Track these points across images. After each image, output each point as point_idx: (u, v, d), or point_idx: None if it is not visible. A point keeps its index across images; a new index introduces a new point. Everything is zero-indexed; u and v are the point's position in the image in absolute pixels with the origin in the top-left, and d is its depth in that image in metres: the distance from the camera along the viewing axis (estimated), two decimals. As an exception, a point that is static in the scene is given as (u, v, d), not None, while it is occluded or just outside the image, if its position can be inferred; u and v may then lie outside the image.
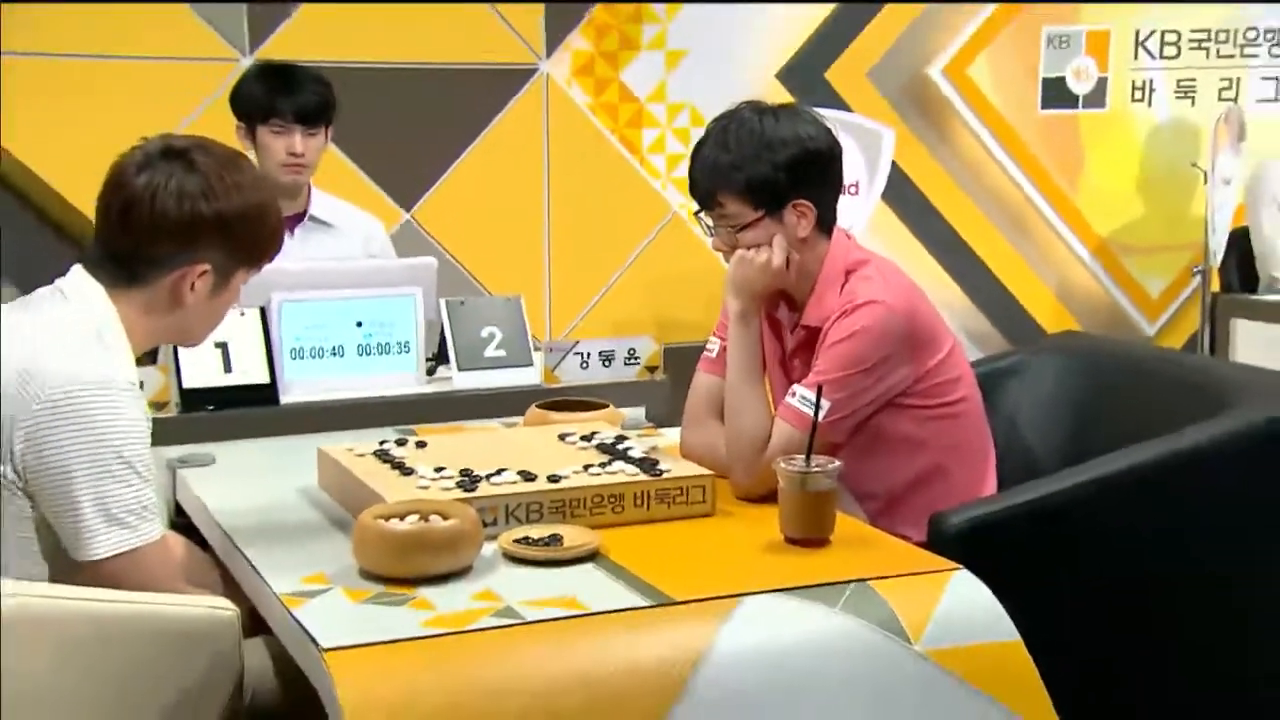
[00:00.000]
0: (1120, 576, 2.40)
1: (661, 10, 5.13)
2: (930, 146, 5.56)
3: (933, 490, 2.51)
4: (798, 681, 1.89)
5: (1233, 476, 2.46)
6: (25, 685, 1.80)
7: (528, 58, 4.91)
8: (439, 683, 1.76)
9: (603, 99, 5.07)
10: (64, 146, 4.28)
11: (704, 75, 5.17)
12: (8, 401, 1.99)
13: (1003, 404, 3.00)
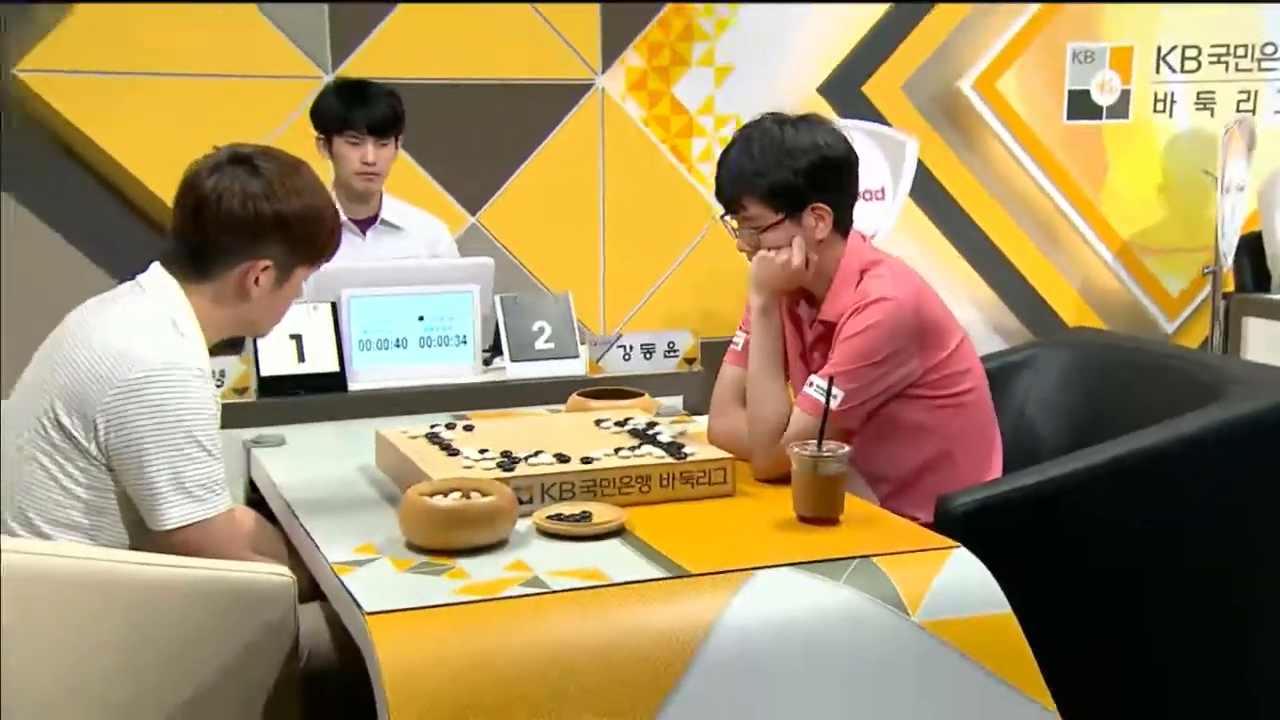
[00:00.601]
0: (1115, 557, 2.37)
1: (710, 28, 5.14)
2: (961, 155, 5.52)
3: (941, 475, 2.50)
4: (802, 649, 1.89)
5: (1222, 464, 2.44)
6: (92, 640, 1.85)
7: (585, 74, 4.92)
8: (468, 644, 1.78)
9: (655, 111, 5.07)
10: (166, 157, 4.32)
11: (750, 89, 5.16)
12: (95, 388, 2.03)
13: (1014, 394, 2.98)
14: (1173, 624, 2.43)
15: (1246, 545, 2.47)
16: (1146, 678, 2.42)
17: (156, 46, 4.39)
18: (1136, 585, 2.38)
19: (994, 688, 1.94)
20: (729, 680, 1.85)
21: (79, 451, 2.03)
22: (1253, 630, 2.51)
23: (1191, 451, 2.41)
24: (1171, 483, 2.41)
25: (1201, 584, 2.44)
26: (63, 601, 1.85)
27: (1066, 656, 2.30)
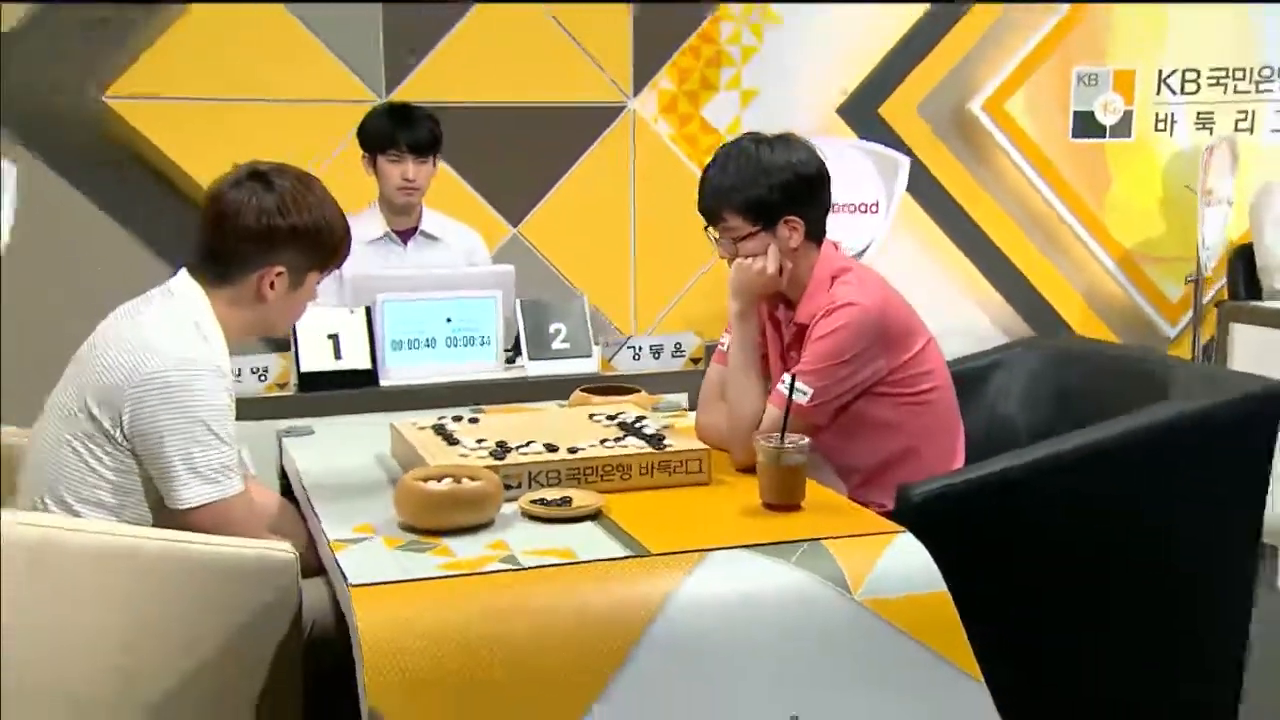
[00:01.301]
0: (1062, 543, 2.36)
1: (737, 55, 5.14)
2: (972, 170, 5.48)
3: (906, 467, 2.50)
4: (749, 622, 1.90)
5: (1163, 457, 2.42)
6: (113, 607, 1.90)
7: (618, 97, 4.94)
8: (444, 614, 1.80)
9: (685, 131, 5.08)
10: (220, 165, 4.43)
11: (774, 111, 5.13)
12: (120, 381, 2.08)
13: (987, 393, 2.97)
14: (1110, 605, 2.40)
15: (1182, 532, 2.45)
16: (1087, 655, 2.40)
17: (229, 74, 4.47)
18: (1081, 569, 2.37)
19: (926, 660, 1.94)
20: (680, 649, 1.86)
21: (106, 438, 2.08)
22: (1185, 613, 2.48)
23: (1133, 446, 2.39)
24: (1115, 475, 2.39)
25: (1142, 568, 2.42)
26: (88, 572, 1.90)
27: (1010, 636, 2.30)
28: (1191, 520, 2.45)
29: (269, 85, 4.48)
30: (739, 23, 5.15)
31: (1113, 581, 2.38)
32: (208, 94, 4.46)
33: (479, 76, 4.72)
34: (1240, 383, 2.55)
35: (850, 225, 4.25)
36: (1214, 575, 2.49)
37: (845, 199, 4.26)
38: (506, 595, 1.86)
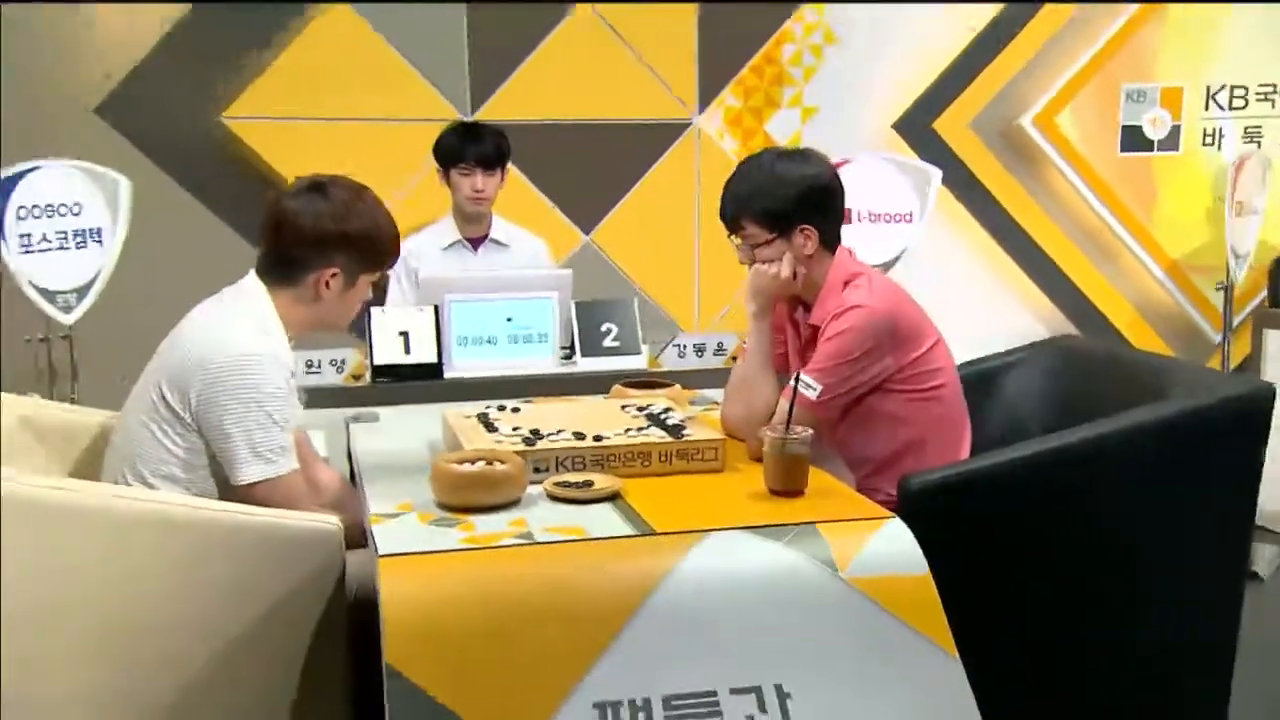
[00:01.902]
0: (1054, 531, 2.35)
1: (799, 75, 5.14)
2: (1024, 183, 5.41)
3: (913, 458, 2.50)
4: (741, 597, 1.93)
5: (1153, 454, 2.39)
6: (179, 569, 1.99)
7: (684, 114, 4.98)
8: (460, 581, 1.88)
9: (749, 145, 5.08)
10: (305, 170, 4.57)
11: (833, 127, 5.14)
12: (190, 369, 2.19)
13: (1005, 390, 2.95)
14: (1103, 595, 2.39)
15: (1176, 525, 2.41)
16: (1081, 642, 2.38)
17: (330, 97, 4.60)
18: (1073, 559, 2.36)
19: (906, 636, 1.94)
20: (676, 619, 1.89)
21: (177, 420, 2.18)
22: (1178, 604, 2.44)
23: (1125, 443, 2.37)
24: (1107, 470, 2.37)
25: (1136, 560, 2.40)
26: (152, 536, 2.00)
27: (1005, 620, 2.31)
28: (1185, 514, 2.42)
29: (365, 106, 4.59)
30: (800, 45, 5.15)
31: (1106, 572, 2.37)
32: (311, 114, 4.60)
33: (555, 96, 4.78)
34: (1233, 384, 2.51)
35: (885, 234, 4.23)
36: (1206, 567, 2.45)
37: (880, 209, 4.24)
38: (519, 566, 1.92)
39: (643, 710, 1.82)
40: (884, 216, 4.20)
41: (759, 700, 1.85)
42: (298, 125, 4.60)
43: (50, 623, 1.92)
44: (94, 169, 3.62)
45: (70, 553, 1.92)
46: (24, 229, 3.34)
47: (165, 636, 1.98)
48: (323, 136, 4.59)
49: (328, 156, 4.53)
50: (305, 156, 4.57)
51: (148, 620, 1.99)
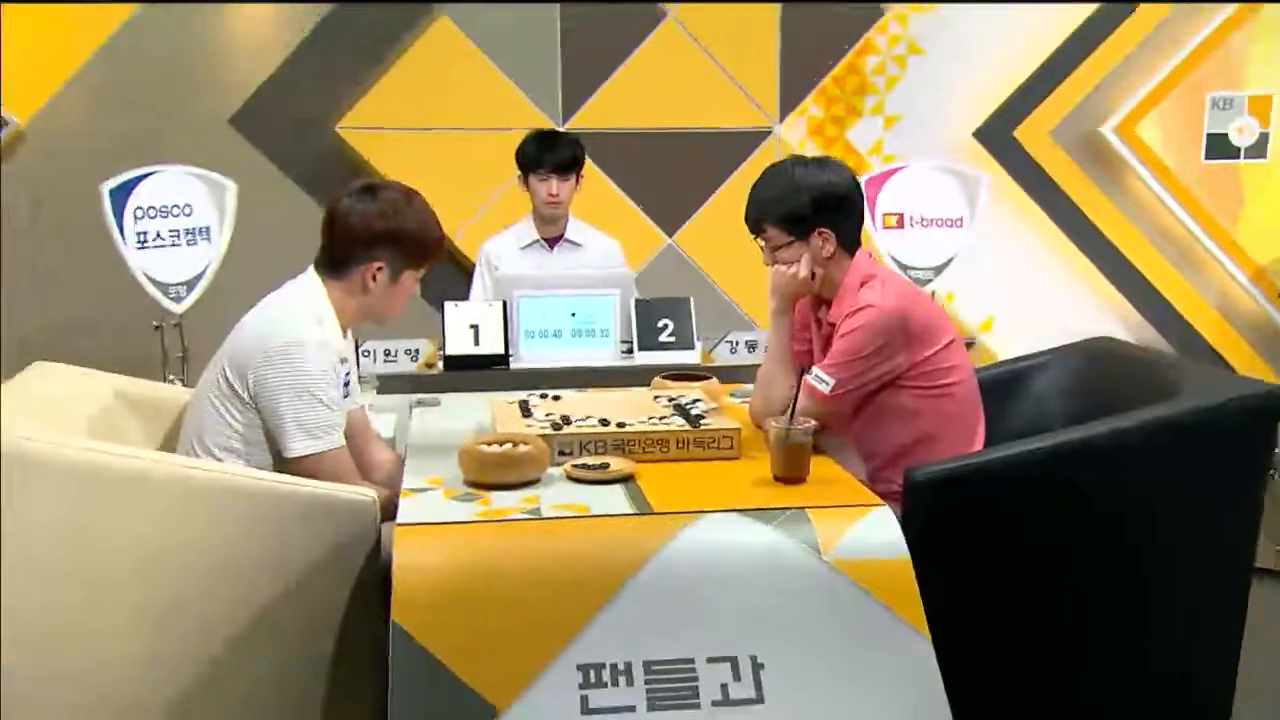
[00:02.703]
0: (1054, 525, 2.34)
1: (881, 84, 5.14)
2: (1107, 191, 5.29)
3: (924, 452, 2.51)
4: (727, 574, 1.99)
5: (1158, 452, 2.36)
6: (213, 536, 2.12)
7: (765, 122, 5.02)
8: (466, 549, 1.98)
9: (830, 152, 5.09)
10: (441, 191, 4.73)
11: (915, 134, 5.12)
12: (249, 352, 2.34)
13: (1031, 391, 2.94)
14: (1105, 592, 2.37)
15: (1181, 523, 2.38)
16: (1081, 636, 2.37)
17: (433, 107, 4.78)
18: (1073, 553, 2.34)
19: (882, 616, 1.98)
20: (663, 590, 1.96)
21: (237, 398, 2.34)
22: (1182, 603, 2.41)
23: (1128, 441, 2.35)
24: (1111, 466, 2.35)
25: (1140, 557, 2.37)
26: (205, 502, 2.14)
27: (1002, 607, 2.31)
28: (1190, 513, 2.38)
29: (466, 117, 4.75)
30: (884, 56, 5.14)
31: (1110, 568, 2.35)
32: (416, 125, 4.79)
33: (642, 106, 4.87)
34: (1243, 386, 2.46)
35: (935, 239, 4.20)
36: (1212, 566, 2.41)
37: (931, 214, 4.21)
38: (522, 539, 2.02)
39: (624, 674, 1.89)
40: (935, 221, 4.18)
41: (734, 669, 1.92)
42: (404, 135, 4.79)
43: (105, 583, 2.07)
44: (205, 174, 3.85)
45: (126, 516, 2.07)
46: (141, 227, 3.59)
47: (210, 597, 2.11)
48: (426, 145, 4.78)
49: (430, 163, 4.76)
50: (410, 164, 4.77)
51: (193, 581, 2.11)
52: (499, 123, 4.77)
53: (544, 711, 1.85)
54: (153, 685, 2.12)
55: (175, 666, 2.13)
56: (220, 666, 2.13)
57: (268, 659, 2.15)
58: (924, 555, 2.28)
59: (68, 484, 2.06)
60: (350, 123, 4.82)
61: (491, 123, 4.77)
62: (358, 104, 4.81)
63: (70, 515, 2.06)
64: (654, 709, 1.87)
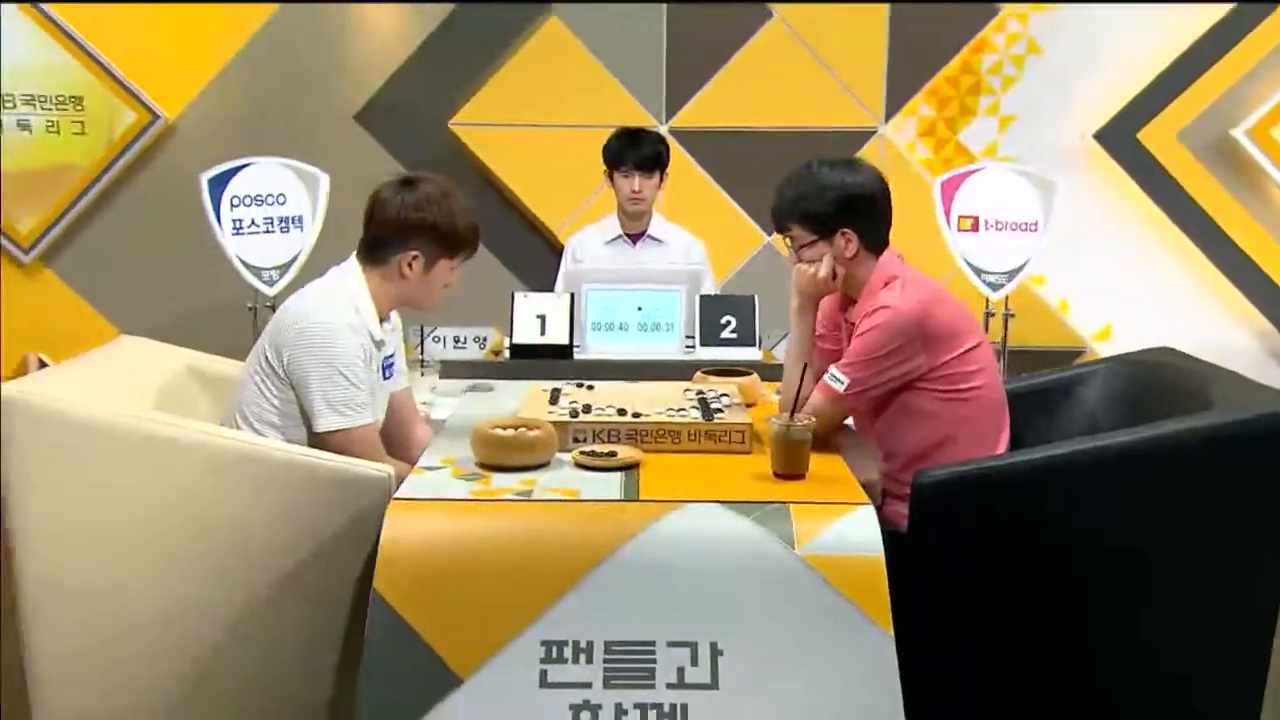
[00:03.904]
0: (1067, 534, 2.29)
1: (997, 84, 5.03)
2: (1239, 196, 5.05)
3: (943, 454, 2.50)
4: (698, 562, 2.02)
5: (1173, 465, 2.29)
6: (237, 501, 2.27)
7: (870, 122, 4.98)
8: (451, 525, 2.08)
9: (941, 154, 5.03)
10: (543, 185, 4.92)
11: (1031, 135, 5.01)
12: (285, 332, 2.49)
13: (1082, 399, 2.86)
14: (1116, 608, 2.31)
15: (1197, 540, 2.30)
16: (1085, 651, 2.31)
17: (539, 105, 4.93)
18: (1071, 564, 2.29)
19: (847, 612, 1.97)
20: (634, 574, 2.00)
21: (275, 375, 2.49)
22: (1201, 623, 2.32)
23: (1147, 452, 2.28)
24: (1128, 477, 2.29)
25: (1155, 572, 2.30)
26: (232, 469, 2.29)
27: (1006, 613, 2.29)
28: (1213, 528, 2.30)
29: (571, 113, 4.88)
30: (1002, 55, 5.03)
31: (1122, 581, 2.29)
32: (524, 121, 4.94)
33: (745, 105, 4.91)
34: (1275, 400, 2.35)
35: (1008, 243, 4.09)
36: (1234, 583, 2.32)
37: (1004, 218, 4.10)
38: (507, 518, 2.09)
39: (584, 652, 1.96)
40: (1009, 226, 4.07)
41: (693, 654, 1.96)
42: (513, 131, 4.96)
43: (127, 541, 2.24)
44: (298, 165, 4.08)
45: (148, 477, 2.25)
46: (236, 215, 3.84)
47: (231, 557, 2.25)
48: (534, 141, 4.93)
49: (537, 159, 4.91)
50: (518, 159, 4.95)
51: (213, 542, 2.26)
52: (604, 120, 4.85)
53: (503, 682, 1.94)
54: (175, 642, 2.29)
55: (196, 625, 2.28)
56: (237, 627, 2.28)
57: (281, 619, 2.29)
58: (929, 557, 2.31)
59: (90, 444, 2.24)
60: (462, 119, 5.01)
61: (597, 120, 4.85)
62: (470, 101, 5.00)
63: (94, 476, 2.24)
64: (609, 687, 1.94)
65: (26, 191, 5.15)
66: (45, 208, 5.16)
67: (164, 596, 2.30)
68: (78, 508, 2.28)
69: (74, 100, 5.10)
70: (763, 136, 4.89)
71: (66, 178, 5.14)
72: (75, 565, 2.28)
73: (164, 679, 2.33)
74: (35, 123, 5.13)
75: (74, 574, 2.28)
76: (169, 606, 2.30)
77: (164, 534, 2.28)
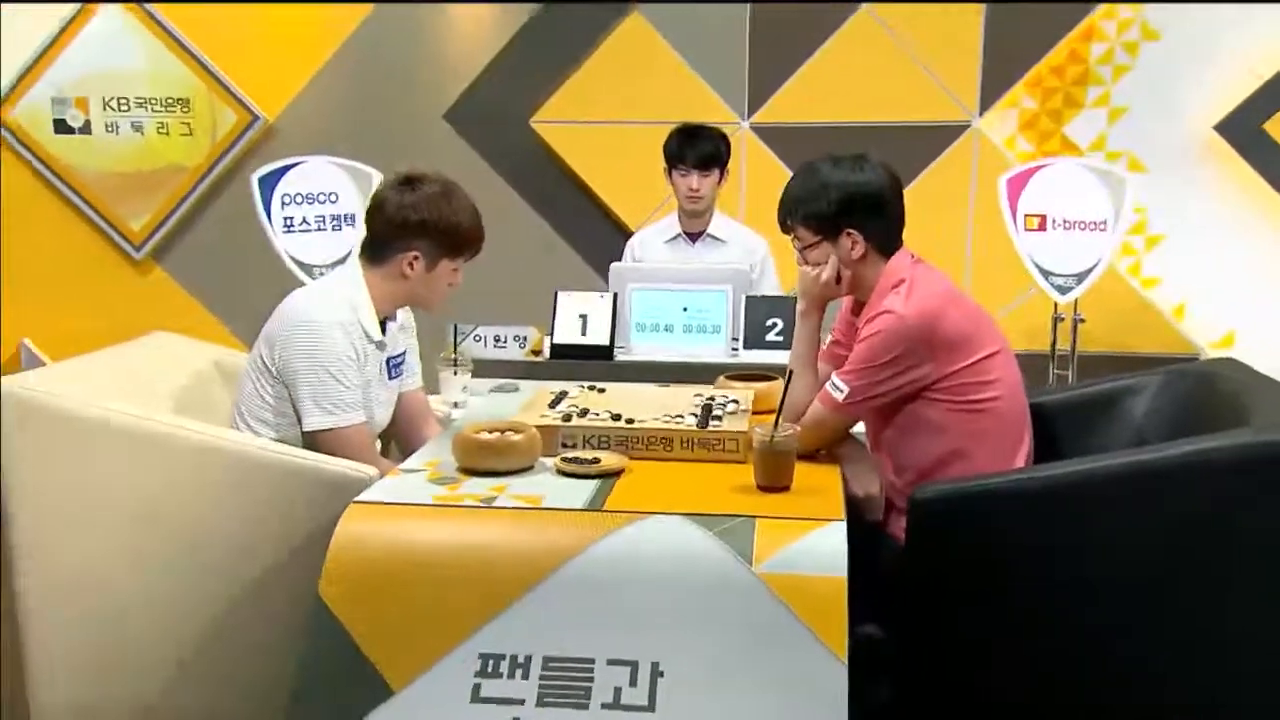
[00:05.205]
0: (1052, 557, 2.12)
1: (1108, 74, 4.73)
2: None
3: (954, 469, 2.35)
4: (648, 576, 1.93)
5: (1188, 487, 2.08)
6: (219, 496, 2.30)
7: (962, 116, 4.74)
8: (403, 530, 2.03)
9: (1045, 148, 4.75)
10: (615, 179, 4.86)
11: (1144, 128, 4.70)
12: (276, 331, 2.49)
13: (1131, 411, 2.65)
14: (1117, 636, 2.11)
15: (1220, 566, 2.09)
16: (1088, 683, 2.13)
17: (620, 101, 4.87)
18: (1072, 588, 2.11)
19: (797, 632, 1.86)
20: (580, 588, 1.93)
21: (268, 372, 2.51)
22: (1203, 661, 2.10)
23: (1161, 472, 2.09)
24: (1141, 499, 2.10)
25: (1164, 599, 2.10)
26: (219, 469, 2.32)
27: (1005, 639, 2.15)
28: (1238, 554, 2.09)
29: (653, 109, 4.79)
30: (1113, 42, 4.73)
31: (1125, 611, 2.10)
32: (605, 118, 4.89)
33: (830, 99, 4.74)
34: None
35: (1077, 243, 3.80)
36: (1258, 617, 2.10)
37: (1073, 217, 3.82)
38: (461, 524, 2.04)
39: (521, 667, 1.90)
40: (1077, 225, 3.80)
41: (632, 674, 1.87)
42: (594, 129, 4.91)
43: (112, 533, 2.30)
44: (349, 164, 4.12)
45: (146, 473, 2.30)
46: (288, 213, 3.89)
47: (214, 552, 2.29)
48: (614, 138, 4.88)
49: (617, 156, 4.86)
50: (598, 156, 4.90)
51: (194, 535, 2.30)
52: (685, 116, 4.74)
53: (435, 695, 1.89)
54: (161, 633, 2.33)
55: (182, 618, 2.32)
56: (218, 620, 2.31)
57: (262, 614, 2.30)
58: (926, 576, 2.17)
59: (80, 437, 2.29)
60: (543, 117, 4.99)
61: (678, 116, 4.73)
62: (551, 98, 4.97)
63: (83, 468, 2.29)
64: (542, 704, 1.86)
65: (138, 191, 5.38)
66: (155, 207, 5.37)
67: (150, 589, 2.35)
68: (70, 501, 2.33)
69: (181, 102, 5.29)
70: (848, 132, 4.72)
71: (175, 178, 5.34)
72: (68, 558, 2.34)
73: (155, 669, 2.38)
74: (147, 125, 5.34)
75: (68, 566, 2.34)
76: (156, 599, 2.35)
77: (149, 527, 2.33)
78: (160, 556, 2.33)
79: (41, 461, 2.34)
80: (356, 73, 5.14)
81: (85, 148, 5.36)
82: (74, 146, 5.37)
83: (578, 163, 4.96)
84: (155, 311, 5.25)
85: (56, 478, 2.33)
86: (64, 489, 2.33)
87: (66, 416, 2.32)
